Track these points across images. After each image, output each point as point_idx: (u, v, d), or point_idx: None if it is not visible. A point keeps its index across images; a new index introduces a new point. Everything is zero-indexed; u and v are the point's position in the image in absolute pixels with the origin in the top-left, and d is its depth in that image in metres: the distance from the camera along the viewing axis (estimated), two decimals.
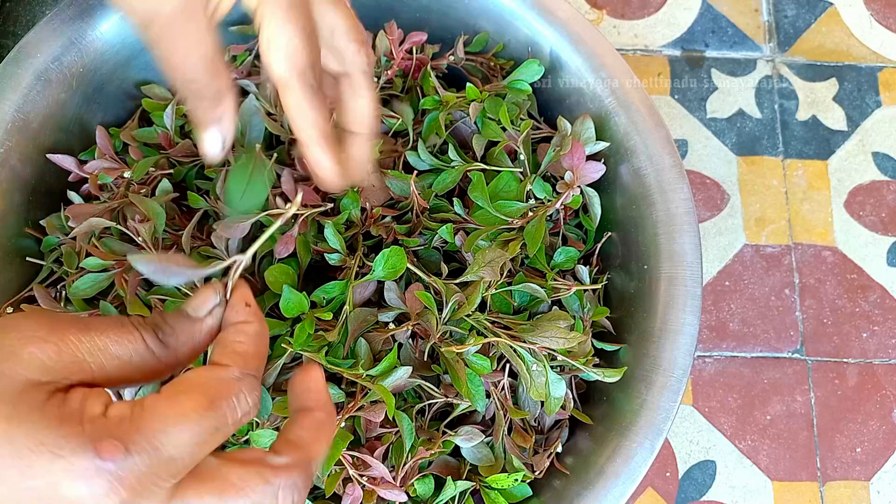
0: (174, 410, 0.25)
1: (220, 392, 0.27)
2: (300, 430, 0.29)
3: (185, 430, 0.25)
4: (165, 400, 0.26)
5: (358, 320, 0.46)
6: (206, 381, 0.27)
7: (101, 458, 0.24)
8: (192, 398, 0.26)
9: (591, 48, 0.54)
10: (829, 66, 0.78)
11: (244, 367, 0.28)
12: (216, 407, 0.26)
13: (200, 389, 0.26)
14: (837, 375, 0.69)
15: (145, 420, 0.25)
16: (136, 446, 0.24)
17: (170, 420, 0.25)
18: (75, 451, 0.24)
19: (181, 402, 0.26)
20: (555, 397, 0.46)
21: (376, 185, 0.50)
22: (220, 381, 0.27)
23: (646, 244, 0.50)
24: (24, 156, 0.50)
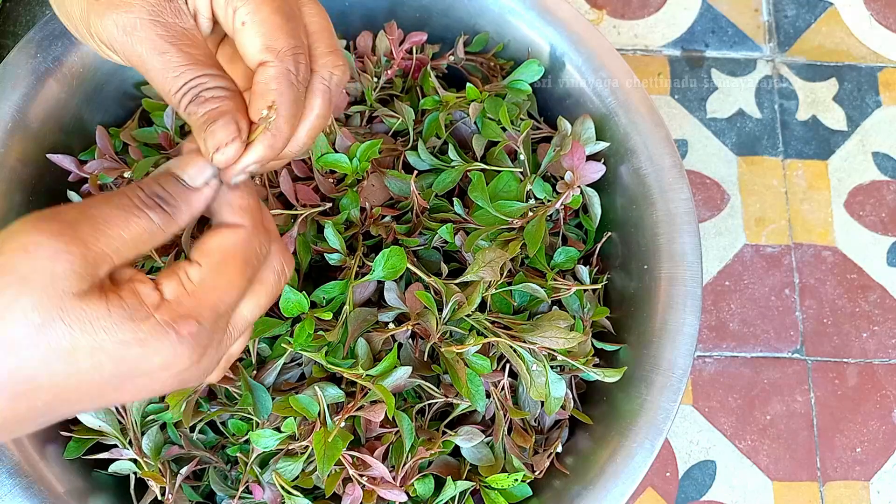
0: (225, 281, 0.30)
1: (249, 253, 0.31)
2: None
3: (237, 294, 0.30)
4: (211, 273, 0.30)
5: (358, 320, 0.46)
6: (234, 246, 0.31)
7: (180, 336, 0.28)
8: (233, 267, 0.30)
9: (591, 48, 0.54)
10: (829, 66, 0.78)
11: (255, 222, 0.31)
12: (251, 264, 0.31)
13: (236, 256, 0.30)
14: (837, 375, 0.69)
15: (204, 295, 0.29)
16: (203, 318, 0.29)
17: (225, 290, 0.30)
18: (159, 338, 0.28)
19: (226, 272, 0.30)
20: (555, 397, 0.46)
21: (376, 185, 0.50)
22: (246, 242, 0.31)
23: (646, 244, 0.50)
24: (24, 156, 0.50)
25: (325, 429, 0.43)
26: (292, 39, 0.32)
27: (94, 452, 0.46)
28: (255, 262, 0.31)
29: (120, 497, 0.47)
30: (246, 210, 0.32)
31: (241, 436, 0.46)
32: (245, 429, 0.46)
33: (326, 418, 0.43)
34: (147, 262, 0.47)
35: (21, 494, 0.42)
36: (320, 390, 0.43)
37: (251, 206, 0.32)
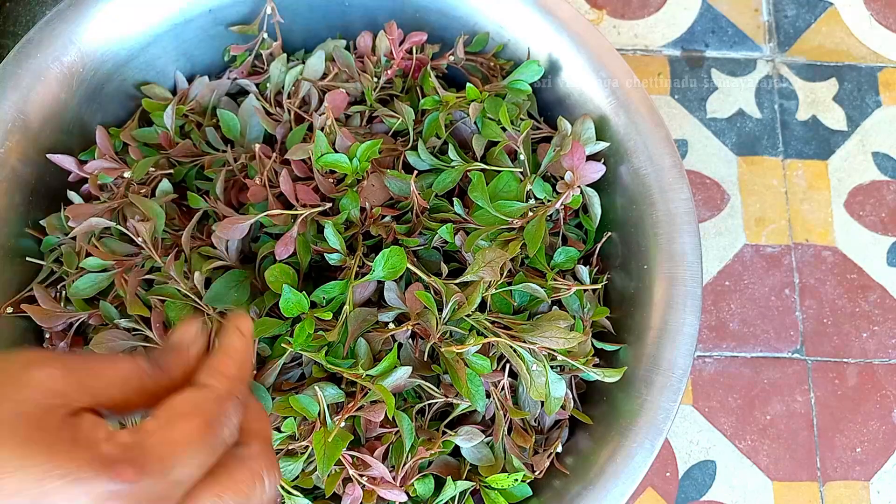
0: (179, 434, 0.27)
1: (214, 413, 0.28)
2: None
3: (190, 453, 0.27)
4: (166, 424, 0.27)
5: (358, 320, 0.46)
6: (199, 403, 0.28)
7: (117, 480, 0.25)
8: (191, 422, 0.27)
9: (591, 48, 0.54)
10: (829, 66, 0.78)
11: (230, 389, 0.30)
12: (211, 427, 0.28)
13: (197, 412, 0.28)
14: (837, 375, 0.69)
15: (154, 445, 0.26)
16: (149, 469, 0.26)
17: (177, 444, 0.26)
18: (96, 474, 0.25)
19: (182, 426, 0.27)
20: (555, 397, 0.46)
21: (376, 185, 0.50)
22: (213, 401, 0.29)
23: (646, 244, 0.50)
24: (24, 156, 0.50)
25: (325, 429, 0.43)
26: None
27: None
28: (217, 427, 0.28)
29: None
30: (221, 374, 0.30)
31: None
32: None
33: (326, 418, 0.43)
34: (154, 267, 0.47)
35: None
36: (320, 390, 0.43)
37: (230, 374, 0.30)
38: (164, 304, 0.46)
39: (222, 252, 0.48)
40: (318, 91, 0.55)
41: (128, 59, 0.54)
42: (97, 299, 0.48)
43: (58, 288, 0.50)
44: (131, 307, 0.46)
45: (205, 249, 0.48)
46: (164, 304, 0.46)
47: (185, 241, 0.47)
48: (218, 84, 0.57)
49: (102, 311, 0.47)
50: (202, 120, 0.55)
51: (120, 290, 0.47)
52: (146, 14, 0.54)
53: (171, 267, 0.46)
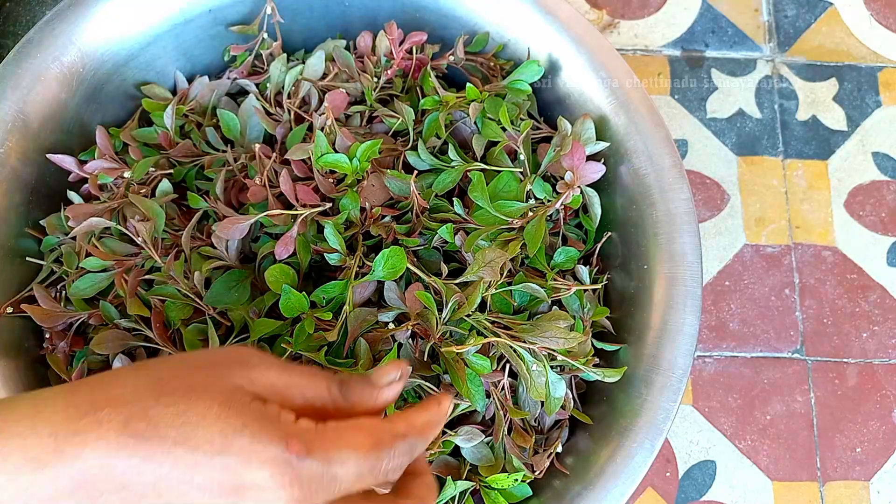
0: (349, 438, 0.30)
1: (383, 440, 0.31)
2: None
3: (352, 458, 0.29)
4: (345, 428, 0.30)
5: (358, 320, 0.46)
6: (377, 428, 0.31)
7: (288, 451, 0.28)
8: (363, 435, 0.30)
9: (591, 48, 0.54)
10: (829, 66, 0.78)
11: (407, 432, 0.32)
12: (378, 450, 0.30)
13: (372, 431, 0.31)
14: (837, 375, 0.69)
15: (327, 436, 0.29)
16: (316, 453, 0.29)
17: (344, 443, 0.29)
18: (271, 440, 0.28)
19: (355, 434, 0.30)
20: (555, 397, 0.46)
21: (376, 185, 0.50)
22: (387, 432, 0.31)
23: (646, 244, 0.50)
24: (24, 156, 0.50)
25: None
26: None
27: None
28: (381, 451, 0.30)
29: None
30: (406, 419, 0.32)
31: None
32: None
33: None
34: None
35: None
36: None
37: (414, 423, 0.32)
38: (164, 304, 0.46)
39: (222, 252, 0.48)
40: (318, 91, 0.55)
41: (128, 59, 0.54)
42: (97, 299, 0.48)
43: (58, 288, 0.50)
44: (131, 307, 0.46)
45: (205, 249, 0.48)
46: (164, 304, 0.46)
47: (185, 241, 0.47)
48: (218, 84, 0.57)
49: (102, 311, 0.47)
50: (202, 120, 0.55)
51: (120, 290, 0.47)
52: (146, 14, 0.54)
53: (171, 267, 0.46)
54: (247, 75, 0.57)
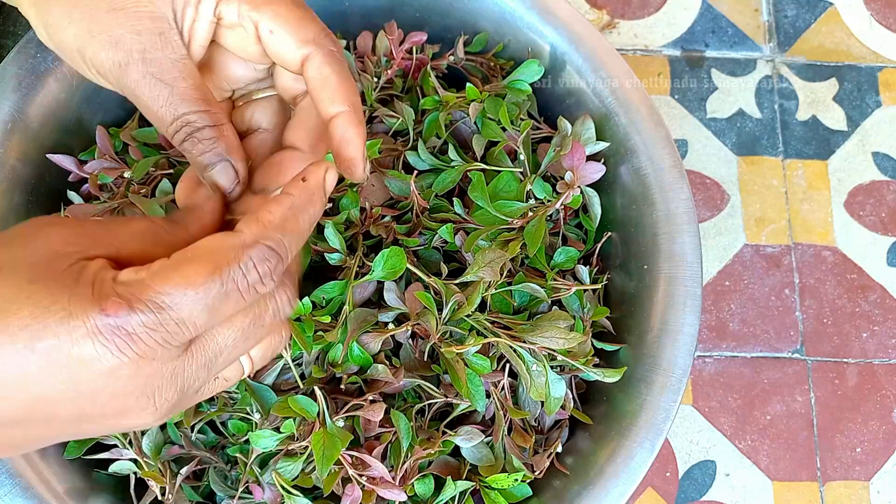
0: (178, 273, 0.26)
1: (226, 258, 0.27)
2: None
3: (188, 293, 0.26)
4: (171, 265, 0.27)
5: (358, 320, 0.46)
6: (214, 246, 0.27)
7: (105, 313, 0.25)
8: (195, 264, 0.26)
9: (591, 48, 0.54)
10: (829, 66, 0.78)
11: (258, 235, 0.28)
12: (220, 271, 0.27)
13: (206, 256, 0.27)
14: (837, 375, 0.69)
15: (150, 282, 0.26)
16: (140, 304, 0.25)
17: (173, 282, 0.26)
18: (84, 308, 0.25)
19: (185, 266, 0.26)
20: (555, 397, 0.46)
21: (376, 185, 0.50)
22: (229, 247, 0.27)
23: (646, 244, 0.50)
24: (24, 156, 0.50)
25: (325, 429, 0.43)
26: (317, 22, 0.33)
27: (94, 452, 0.46)
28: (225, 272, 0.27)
29: (120, 497, 0.47)
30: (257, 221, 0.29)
31: (241, 436, 0.46)
32: (245, 429, 0.46)
33: (326, 418, 0.43)
34: None
35: (21, 494, 0.42)
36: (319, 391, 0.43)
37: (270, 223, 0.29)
38: None
39: None
40: None
41: None
42: None
43: None
44: None
45: None
46: None
47: None
48: None
49: None
50: None
51: None
52: None
53: None
54: None
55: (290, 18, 0.33)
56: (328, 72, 0.33)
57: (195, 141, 0.32)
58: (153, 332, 0.26)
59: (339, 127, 0.33)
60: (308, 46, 0.33)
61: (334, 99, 0.33)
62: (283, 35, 0.33)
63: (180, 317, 0.26)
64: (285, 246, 0.29)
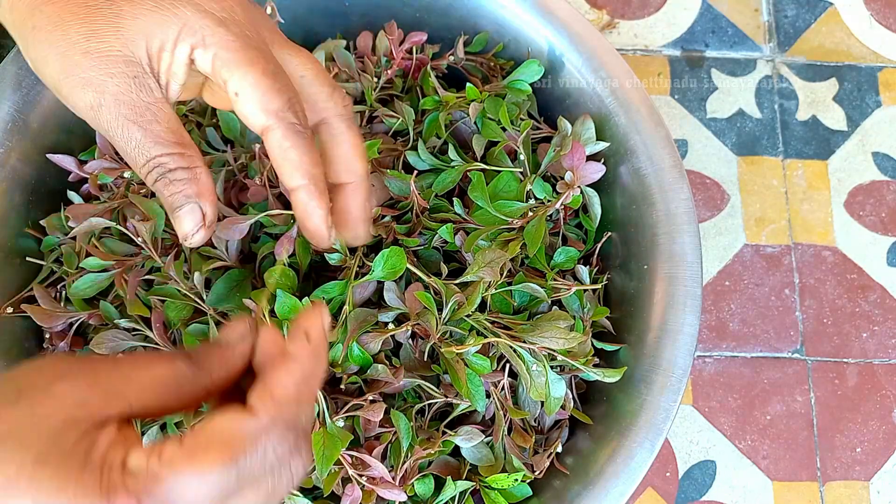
0: (192, 466, 0.25)
1: (242, 445, 0.26)
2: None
3: (203, 485, 0.25)
4: (184, 453, 0.25)
5: (357, 320, 0.46)
6: (230, 432, 0.26)
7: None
8: (211, 453, 0.25)
9: (591, 48, 0.54)
10: (829, 66, 0.78)
11: (276, 415, 0.26)
12: (237, 460, 0.25)
13: (222, 443, 0.25)
14: (837, 375, 0.69)
15: (162, 474, 0.25)
16: (149, 498, 0.24)
17: (187, 475, 0.25)
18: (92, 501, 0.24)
19: (200, 456, 0.25)
20: (555, 397, 0.46)
21: (376, 185, 0.50)
22: (246, 433, 0.26)
23: (646, 244, 0.50)
24: (24, 156, 0.50)
25: (325, 429, 0.43)
26: (284, 94, 0.33)
27: None
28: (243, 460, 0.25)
29: None
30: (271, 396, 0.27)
31: None
32: None
33: (326, 418, 0.43)
34: None
35: None
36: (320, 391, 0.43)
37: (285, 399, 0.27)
38: (164, 304, 0.46)
39: (222, 252, 0.48)
40: None
41: None
42: (97, 299, 0.48)
43: (58, 288, 0.50)
44: (131, 307, 0.46)
45: (205, 249, 0.48)
46: (164, 304, 0.46)
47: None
48: None
49: (102, 311, 0.47)
50: (202, 120, 0.55)
51: (120, 290, 0.47)
52: None
53: (170, 267, 0.46)
54: None
55: (258, 87, 0.32)
56: (288, 145, 0.33)
57: (167, 182, 0.32)
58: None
59: (301, 201, 0.34)
60: (270, 118, 0.32)
61: (293, 173, 0.33)
62: (248, 101, 0.32)
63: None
64: (301, 418, 0.28)
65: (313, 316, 0.30)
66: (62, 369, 0.26)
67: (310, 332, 0.29)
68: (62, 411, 0.25)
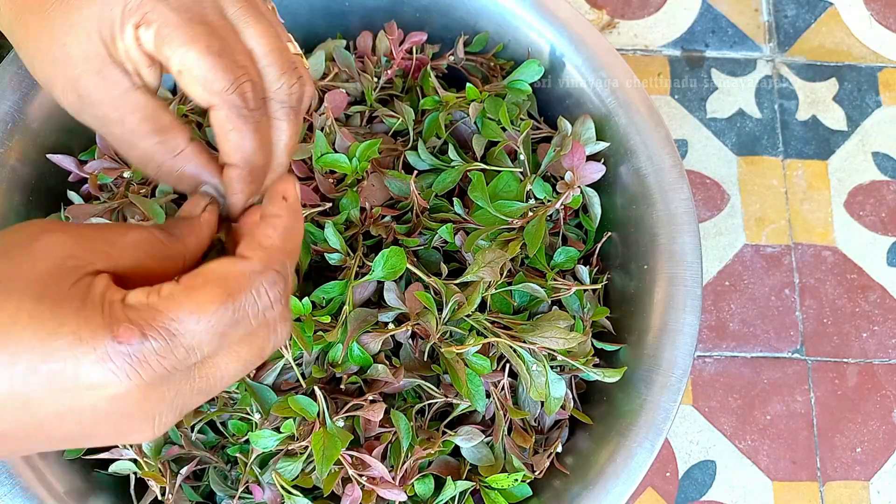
0: (191, 300, 0.26)
1: (238, 285, 0.27)
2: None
3: (202, 321, 0.26)
4: (183, 290, 0.26)
5: (358, 320, 0.46)
6: (225, 273, 0.27)
7: (117, 340, 0.24)
8: (208, 290, 0.26)
9: (591, 48, 0.54)
10: (829, 66, 0.78)
11: (267, 261, 0.28)
12: (234, 299, 0.26)
13: (218, 282, 0.27)
14: (837, 375, 0.69)
15: (162, 308, 0.25)
16: (153, 331, 0.25)
17: (186, 309, 0.26)
18: (95, 333, 0.24)
19: (198, 293, 0.26)
20: (555, 397, 0.46)
21: (376, 185, 0.50)
22: (240, 273, 0.27)
23: (646, 244, 0.50)
24: (24, 156, 0.50)
25: (325, 429, 0.43)
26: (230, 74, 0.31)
27: (94, 452, 0.46)
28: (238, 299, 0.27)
29: (120, 497, 0.47)
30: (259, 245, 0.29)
31: (240, 436, 0.46)
32: (245, 429, 0.46)
33: (326, 418, 0.43)
34: None
35: (21, 494, 0.42)
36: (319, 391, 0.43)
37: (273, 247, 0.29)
38: None
39: None
40: (318, 91, 0.55)
41: None
42: None
43: None
44: None
45: None
46: None
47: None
48: None
49: None
50: (202, 120, 0.55)
51: None
52: None
53: None
54: None
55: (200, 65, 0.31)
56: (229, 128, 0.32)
57: (160, 173, 0.32)
58: (164, 359, 0.25)
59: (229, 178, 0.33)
60: (214, 98, 0.31)
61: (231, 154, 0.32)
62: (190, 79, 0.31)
63: (191, 343, 0.26)
64: (287, 267, 0.29)
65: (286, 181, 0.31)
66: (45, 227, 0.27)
67: (286, 193, 0.31)
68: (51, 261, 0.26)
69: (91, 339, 0.24)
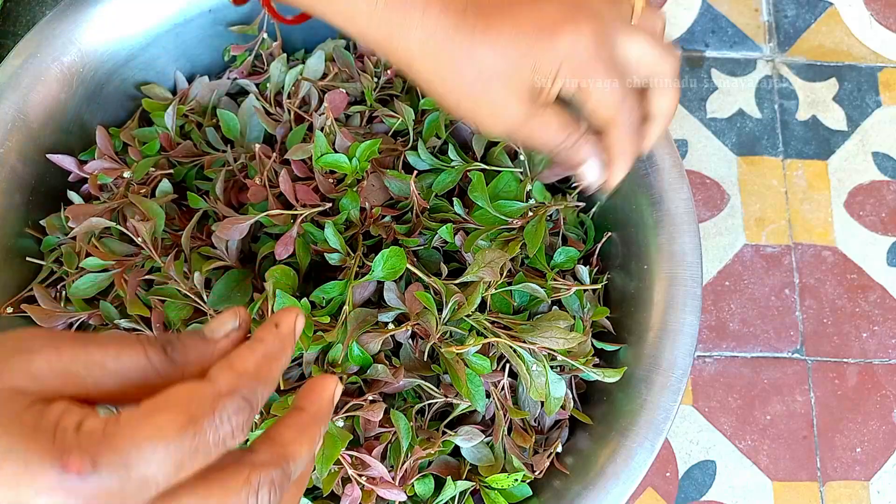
0: (149, 428, 0.24)
1: (201, 410, 0.25)
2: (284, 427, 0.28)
3: (159, 450, 0.24)
4: (141, 416, 0.24)
5: (357, 320, 0.46)
6: (188, 396, 0.25)
7: (66, 471, 0.23)
8: (169, 415, 0.24)
9: None
10: (829, 66, 0.78)
11: (234, 386, 0.26)
12: (195, 426, 0.24)
13: (181, 406, 0.25)
14: (837, 375, 0.69)
15: (118, 436, 0.23)
16: (105, 462, 0.23)
17: (143, 438, 0.24)
18: (42, 462, 0.23)
19: (157, 419, 0.24)
20: (555, 397, 0.46)
21: (376, 185, 0.50)
22: (204, 397, 0.25)
23: (646, 244, 0.50)
24: (24, 156, 0.50)
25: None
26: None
27: None
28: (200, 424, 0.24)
29: None
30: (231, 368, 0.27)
31: None
32: None
33: None
34: None
35: None
36: None
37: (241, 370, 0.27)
38: (164, 305, 0.46)
39: (222, 252, 0.48)
40: (318, 91, 0.55)
41: (128, 59, 0.54)
42: (97, 299, 0.48)
43: (58, 288, 0.50)
44: (131, 307, 0.46)
45: (205, 249, 0.48)
46: (164, 305, 0.46)
47: (185, 241, 0.47)
48: (218, 84, 0.57)
49: (102, 311, 0.47)
50: (202, 120, 0.55)
51: (120, 290, 0.47)
52: (146, 14, 0.54)
53: (170, 267, 0.46)
54: (247, 75, 0.57)
55: None
56: None
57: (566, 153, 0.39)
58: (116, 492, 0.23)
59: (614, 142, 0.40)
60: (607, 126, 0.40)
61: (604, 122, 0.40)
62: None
63: (145, 476, 0.23)
64: (258, 396, 0.27)
65: (286, 312, 0.30)
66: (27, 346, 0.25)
67: (280, 322, 0.29)
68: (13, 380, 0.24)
69: (39, 468, 0.23)
